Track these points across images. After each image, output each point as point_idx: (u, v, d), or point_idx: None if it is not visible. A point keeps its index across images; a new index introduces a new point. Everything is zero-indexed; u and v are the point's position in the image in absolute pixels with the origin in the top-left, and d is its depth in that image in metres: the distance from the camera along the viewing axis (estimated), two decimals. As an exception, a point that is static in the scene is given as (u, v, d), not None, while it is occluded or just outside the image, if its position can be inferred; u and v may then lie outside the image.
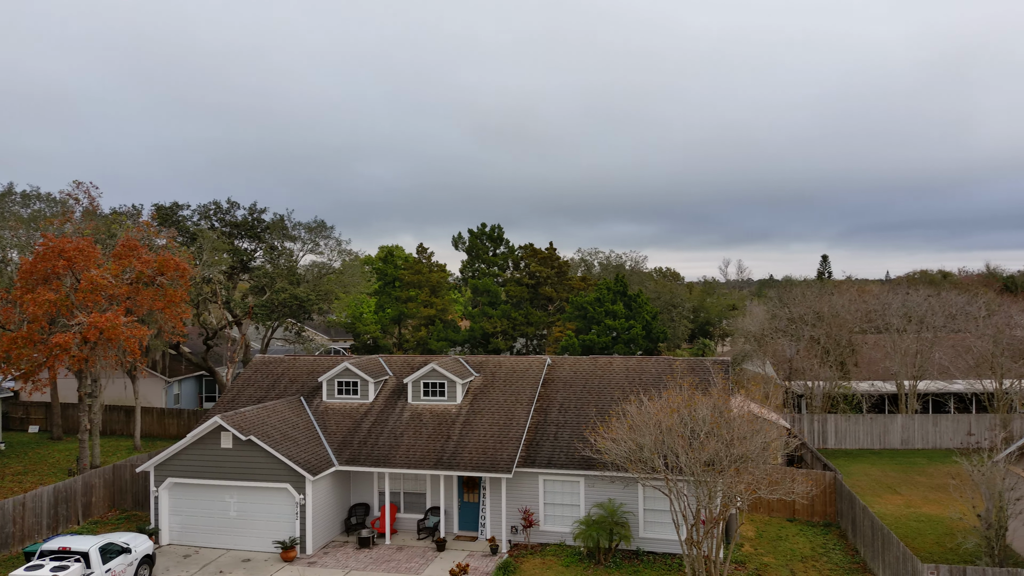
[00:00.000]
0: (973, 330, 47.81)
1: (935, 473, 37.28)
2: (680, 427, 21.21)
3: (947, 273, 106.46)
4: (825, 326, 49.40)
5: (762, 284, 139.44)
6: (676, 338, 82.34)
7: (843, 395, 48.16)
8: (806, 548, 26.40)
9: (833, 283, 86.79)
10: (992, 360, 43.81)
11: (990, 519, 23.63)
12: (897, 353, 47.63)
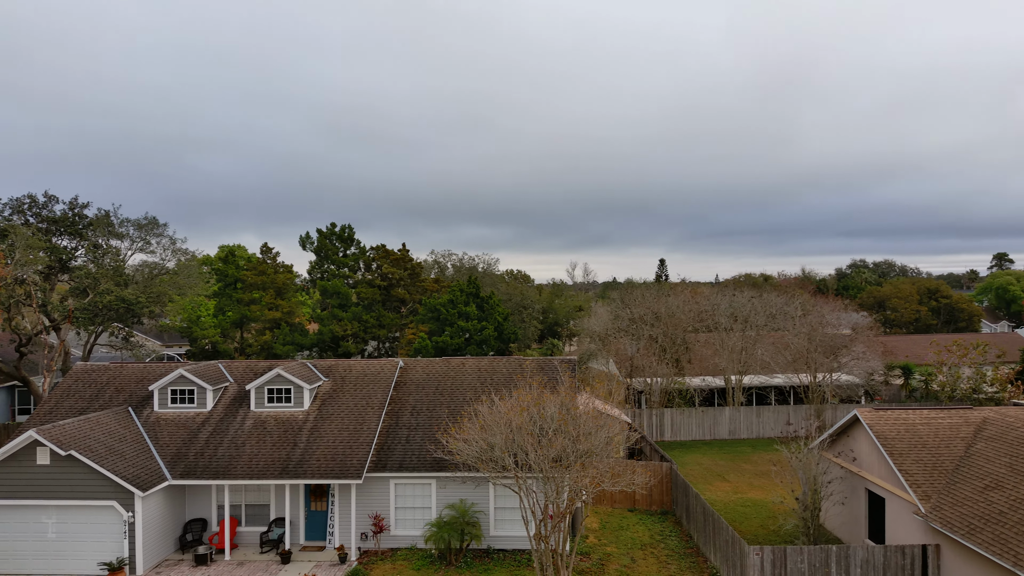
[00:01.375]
0: (791, 328, 52.37)
1: (759, 461, 40.47)
2: (530, 425, 21.66)
3: (768, 276, 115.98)
4: (662, 326, 52.31)
5: (606, 286, 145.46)
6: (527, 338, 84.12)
7: (678, 390, 51.21)
8: (645, 536, 27.81)
9: (669, 285, 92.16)
10: (807, 356, 48.23)
11: (806, 501, 25.99)
12: (725, 350, 51.31)
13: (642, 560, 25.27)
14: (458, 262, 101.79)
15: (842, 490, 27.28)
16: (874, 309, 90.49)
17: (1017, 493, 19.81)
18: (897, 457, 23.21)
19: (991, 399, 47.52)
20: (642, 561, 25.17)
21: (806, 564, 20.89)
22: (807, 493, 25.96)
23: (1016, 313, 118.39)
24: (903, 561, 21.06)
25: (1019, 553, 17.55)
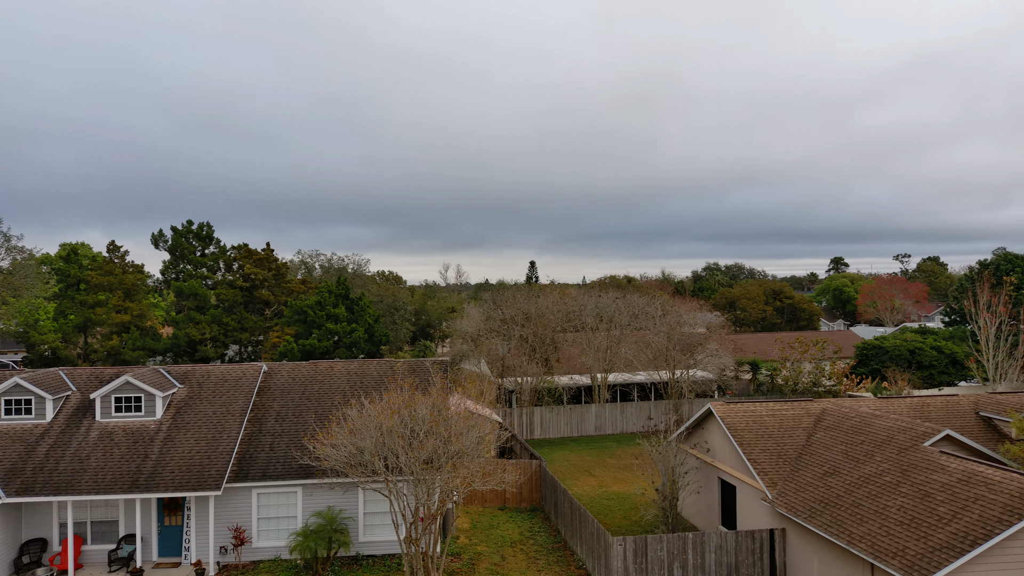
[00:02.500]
0: (652, 328, 54.87)
1: (623, 455, 42.10)
2: (401, 428, 21.47)
3: (631, 278, 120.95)
4: (533, 326, 53.36)
5: (479, 287, 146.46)
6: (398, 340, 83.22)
7: (547, 389, 52.40)
8: (515, 533, 28.24)
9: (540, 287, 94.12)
10: (667, 353, 50.71)
11: (665, 492, 27.31)
12: (591, 349, 53.02)
13: (512, 557, 25.64)
14: (327, 263, 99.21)
15: (698, 480, 28.87)
16: (726, 309, 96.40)
17: (851, 477, 21.72)
18: (746, 447, 24.83)
19: (829, 392, 51.83)
20: (512, 558, 25.54)
21: (665, 552, 21.95)
22: (666, 484, 27.28)
23: (851, 312, 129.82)
24: (753, 545, 22.56)
25: (852, 532, 19.25)
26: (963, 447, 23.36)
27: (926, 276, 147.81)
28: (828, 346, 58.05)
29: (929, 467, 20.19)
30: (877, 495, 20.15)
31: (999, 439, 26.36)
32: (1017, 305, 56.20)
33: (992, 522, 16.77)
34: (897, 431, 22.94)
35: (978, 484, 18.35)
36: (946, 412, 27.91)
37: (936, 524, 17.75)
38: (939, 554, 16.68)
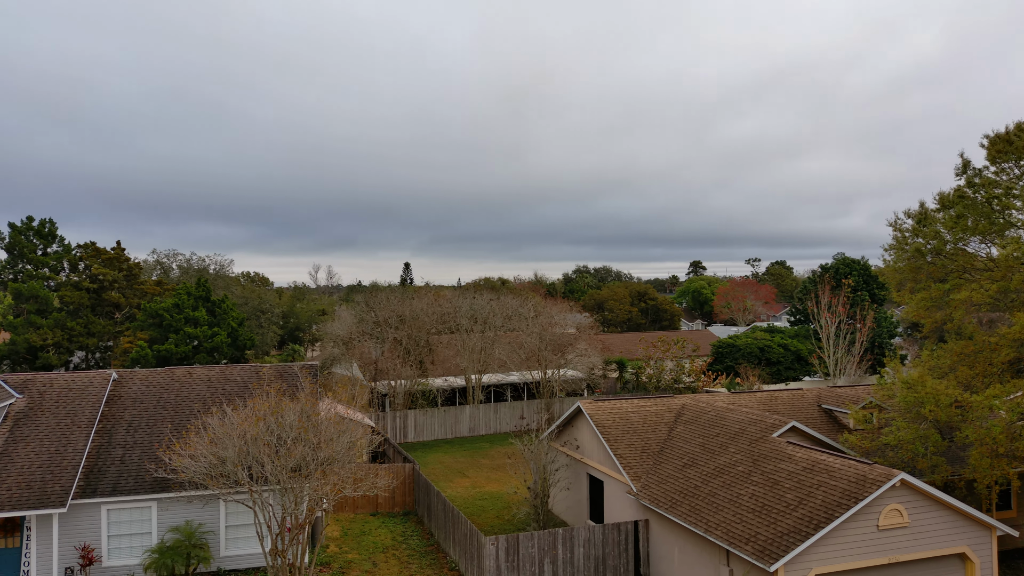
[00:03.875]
0: (525, 329, 55.76)
1: (496, 455, 42.52)
2: (266, 435, 20.66)
3: (505, 280, 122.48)
4: (407, 328, 52.87)
5: (351, 289, 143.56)
6: (265, 345, 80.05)
7: (422, 391, 52.08)
8: (388, 539, 27.86)
9: (414, 289, 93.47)
10: (539, 353, 51.69)
11: (537, 489, 27.83)
12: (466, 350, 53.22)
13: (384, 563, 25.28)
14: (185, 263, 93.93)
15: (568, 476, 29.62)
16: (595, 310, 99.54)
17: (708, 468, 22.99)
18: (613, 443, 25.73)
19: (689, 388, 54.64)
20: (384, 564, 25.18)
21: (536, 548, 22.35)
22: (538, 482, 27.81)
23: (708, 313, 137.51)
24: (619, 537, 23.40)
25: (709, 520, 20.37)
26: (808, 437, 25.29)
27: (774, 279, 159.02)
28: (688, 345, 61.22)
29: (777, 457, 21.70)
30: (731, 484, 21.44)
31: (839, 429, 28.74)
32: (854, 306, 61.51)
33: (833, 506, 18.24)
34: (749, 423, 24.50)
35: (821, 472, 19.91)
36: (792, 405, 30.14)
37: (784, 510, 19.10)
38: (787, 538, 17.96)
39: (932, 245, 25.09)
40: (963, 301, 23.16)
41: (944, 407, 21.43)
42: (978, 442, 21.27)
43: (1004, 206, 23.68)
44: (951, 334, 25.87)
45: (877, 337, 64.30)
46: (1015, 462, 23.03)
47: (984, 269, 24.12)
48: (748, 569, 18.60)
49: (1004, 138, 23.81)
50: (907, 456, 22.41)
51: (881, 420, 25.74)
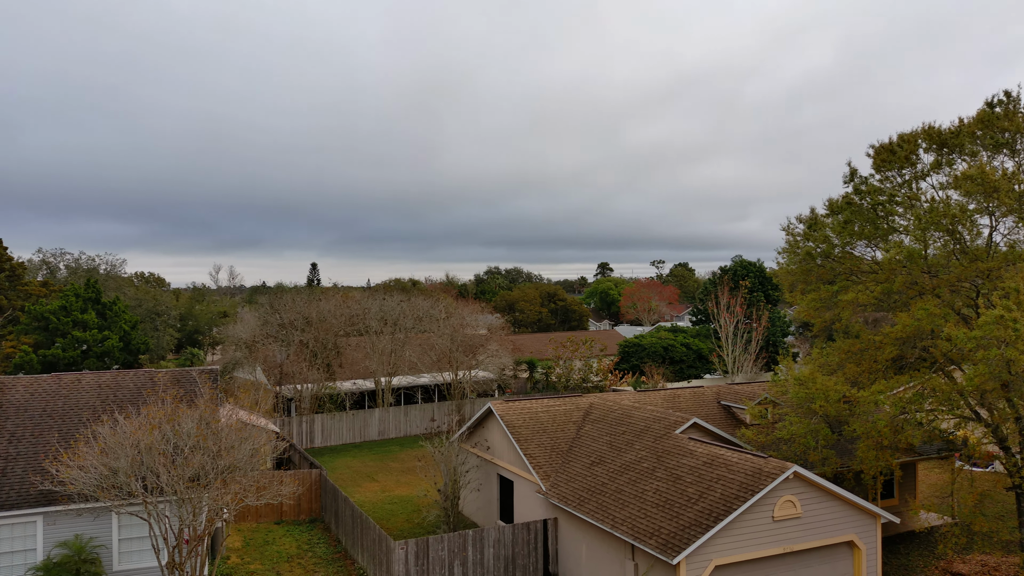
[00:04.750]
0: (436, 330, 55.44)
1: (406, 458, 42.10)
2: (162, 444, 19.74)
3: (416, 281, 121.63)
4: (314, 331, 51.64)
5: (254, 290, 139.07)
6: (161, 349, 76.53)
7: (329, 395, 50.99)
8: (293, 548, 27.12)
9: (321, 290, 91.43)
10: (450, 355, 51.53)
11: (447, 492, 27.72)
12: (376, 353, 52.47)
13: (288, 573, 24.58)
14: (74, 263, 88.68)
15: (478, 477, 29.64)
16: (506, 311, 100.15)
17: (614, 466, 23.48)
18: (523, 443, 25.93)
19: (596, 387, 55.70)
20: (288, 574, 24.49)
21: (446, 551, 22.26)
22: (448, 484, 27.70)
23: (615, 313, 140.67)
24: (528, 536, 23.59)
25: (616, 516, 20.81)
26: (708, 433, 26.22)
27: (678, 280, 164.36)
28: (595, 345, 62.41)
29: (680, 452, 22.41)
30: (637, 480, 21.98)
31: (737, 425, 29.94)
32: (751, 306, 64.25)
33: (731, 499, 18.97)
34: (653, 421, 25.20)
35: (720, 466, 20.68)
36: (694, 402, 31.19)
37: (686, 504, 19.73)
38: (689, 531, 18.56)
39: (822, 249, 26.47)
40: (850, 302, 24.52)
41: (833, 402, 22.64)
42: (864, 435, 22.58)
43: (888, 212, 25.25)
44: (839, 333, 27.35)
45: (772, 336, 67.41)
46: (898, 453, 24.59)
47: (869, 272, 25.64)
48: (652, 562, 19.12)
49: (888, 148, 25.39)
50: (800, 449, 23.56)
51: (775, 415, 26.98)
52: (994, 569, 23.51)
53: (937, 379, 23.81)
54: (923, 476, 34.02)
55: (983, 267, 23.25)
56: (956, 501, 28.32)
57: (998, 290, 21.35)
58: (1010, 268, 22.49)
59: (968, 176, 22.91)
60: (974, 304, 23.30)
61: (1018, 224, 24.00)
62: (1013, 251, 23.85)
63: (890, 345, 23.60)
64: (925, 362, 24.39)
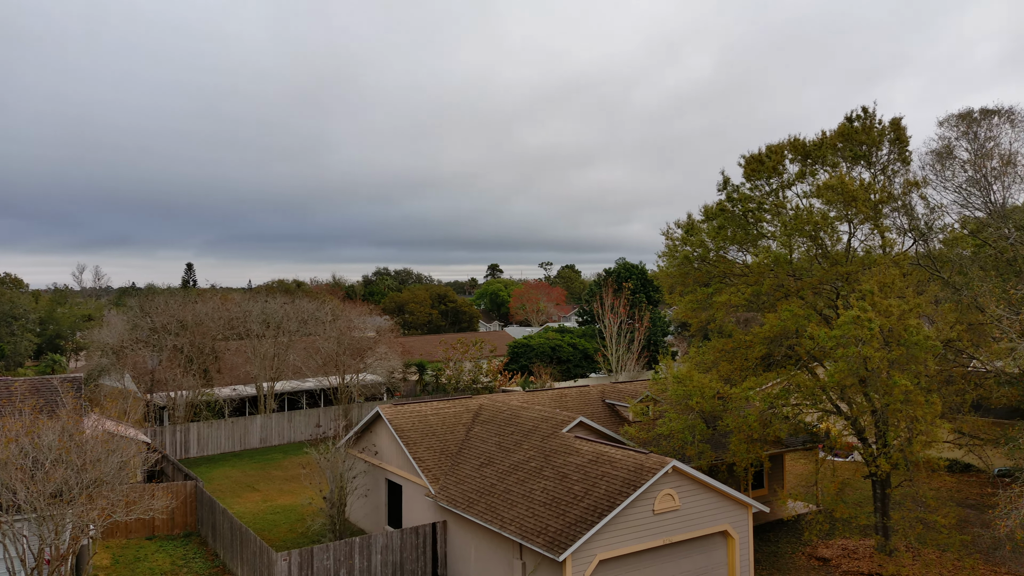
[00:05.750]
0: (322, 333, 54.07)
1: (290, 466, 40.81)
2: (19, 458, 18.24)
3: (301, 282, 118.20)
4: (189, 335, 49.14)
5: (123, 292, 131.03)
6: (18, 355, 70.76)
7: (206, 402, 48.70)
8: (166, 564, 25.72)
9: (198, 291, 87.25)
10: (337, 358, 50.38)
11: (333, 499, 27.07)
12: (257, 357, 50.56)
13: (163, 590, 23.29)
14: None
15: (366, 483, 29.14)
16: (395, 313, 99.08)
17: (503, 466, 23.69)
18: (412, 446, 25.71)
19: (486, 388, 56.03)
20: (163, 591, 23.20)
21: (332, 560, 21.74)
22: (334, 491, 27.07)
23: (505, 314, 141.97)
24: (417, 540, 23.40)
25: (504, 517, 20.99)
26: (594, 431, 26.93)
27: (565, 282, 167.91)
28: (485, 346, 62.77)
29: (567, 451, 22.89)
30: (525, 480, 22.27)
31: (621, 422, 30.90)
32: (633, 307, 66.49)
33: (615, 495, 19.55)
34: (541, 421, 25.61)
35: (604, 463, 21.27)
36: (580, 401, 31.94)
37: (572, 502, 20.17)
38: (575, 528, 18.98)
39: (698, 253, 27.77)
40: (724, 303, 25.85)
41: (708, 399, 23.79)
42: (737, 429, 23.85)
43: (757, 219, 26.79)
44: (714, 333, 28.77)
45: (653, 336, 70.05)
46: (767, 446, 26.13)
47: (741, 275, 27.11)
48: (539, 560, 19.42)
49: (757, 158, 26.94)
50: (678, 445, 24.60)
51: (656, 412, 28.04)
52: (853, 552, 25.37)
53: (802, 376, 25.51)
54: (790, 467, 36.27)
55: (842, 271, 25.09)
56: (820, 490, 30.35)
57: (855, 292, 23.07)
58: (866, 272, 24.37)
59: (829, 186, 24.65)
60: (834, 305, 25.07)
61: (873, 231, 26.04)
62: (869, 256, 25.87)
63: (759, 344, 25.04)
64: (791, 360, 26.04)
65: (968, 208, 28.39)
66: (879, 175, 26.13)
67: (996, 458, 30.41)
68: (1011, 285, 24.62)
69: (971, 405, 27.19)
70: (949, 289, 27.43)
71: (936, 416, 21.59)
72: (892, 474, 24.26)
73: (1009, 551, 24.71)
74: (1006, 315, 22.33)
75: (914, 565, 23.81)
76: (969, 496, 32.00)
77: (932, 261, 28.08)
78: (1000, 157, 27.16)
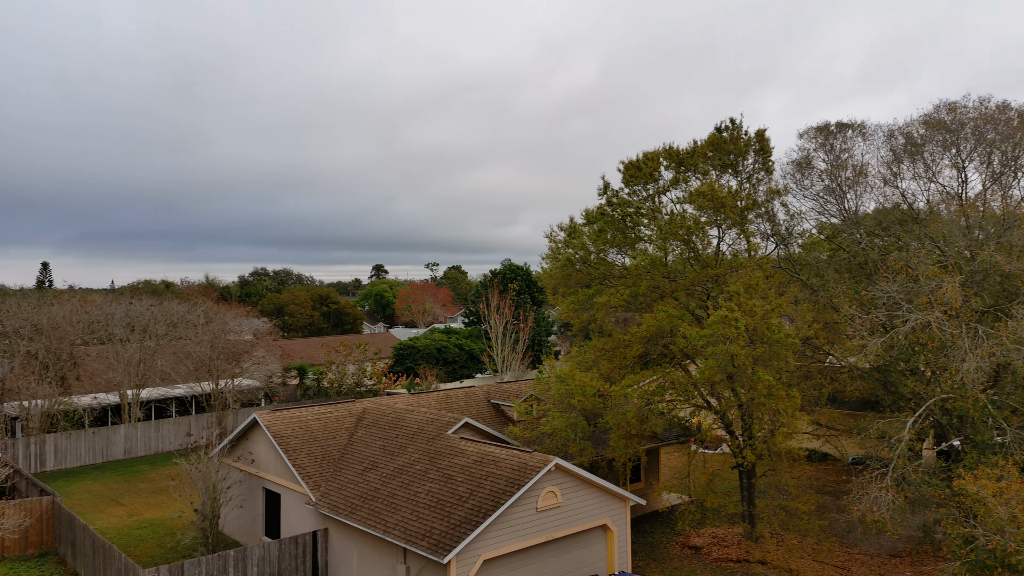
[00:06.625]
0: (193, 337, 51.36)
1: (157, 478, 38.56)
2: None
3: (170, 283, 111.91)
4: (44, 339, 45.46)
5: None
6: None
7: (64, 412, 45.21)
8: (18, 589, 23.72)
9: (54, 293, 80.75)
10: (210, 363, 48.03)
11: (205, 511, 25.80)
12: (121, 363, 47.43)
13: (12, 618, 21.44)
14: None
15: (242, 493, 27.96)
16: (274, 315, 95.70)
17: (388, 470, 23.36)
18: (291, 453, 24.91)
19: (371, 391, 55.09)
20: (12, 619, 21.36)
21: (204, 574, 20.73)
22: (206, 503, 25.82)
23: (390, 316, 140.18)
24: (296, 550, 22.69)
25: (387, 521, 20.71)
26: (479, 432, 27.05)
27: (451, 283, 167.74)
28: (370, 348, 61.73)
29: (452, 452, 22.86)
30: (410, 483, 22.07)
31: (506, 422, 31.20)
32: (519, 308, 67.31)
33: (499, 494, 19.72)
34: (426, 423, 25.46)
35: (489, 463, 21.41)
36: (466, 402, 32.01)
37: (457, 503, 20.17)
38: (460, 529, 18.98)
39: (580, 255, 28.50)
40: (604, 304, 26.66)
41: (589, 397, 24.44)
42: (616, 426, 24.64)
43: (635, 223, 27.80)
44: (595, 332, 29.59)
45: (537, 336, 71.22)
46: (644, 441, 27.11)
47: (620, 276, 28.03)
48: (424, 563, 19.29)
49: (635, 164, 27.95)
50: (561, 442, 25.12)
51: (540, 411, 28.52)
52: (722, 540, 26.75)
53: (676, 373, 26.68)
54: (665, 460, 37.81)
55: (712, 273, 26.42)
56: (692, 481, 31.84)
57: (724, 293, 24.37)
58: (733, 274, 25.78)
59: (700, 193, 25.92)
60: (705, 305, 26.38)
61: (740, 236, 27.60)
62: (736, 259, 27.39)
63: (637, 343, 25.98)
64: (666, 358, 27.18)
65: (824, 215, 30.59)
66: (745, 183, 27.72)
67: (850, 447, 32.92)
68: (862, 287, 26.74)
69: (827, 398, 29.36)
70: (807, 290, 29.48)
71: (796, 409, 23.14)
72: (757, 464, 25.77)
73: (861, 533, 26.81)
74: (858, 314, 24.24)
75: (778, 550, 25.40)
76: (827, 483, 34.48)
77: (792, 264, 30.09)
78: (853, 168, 29.42)
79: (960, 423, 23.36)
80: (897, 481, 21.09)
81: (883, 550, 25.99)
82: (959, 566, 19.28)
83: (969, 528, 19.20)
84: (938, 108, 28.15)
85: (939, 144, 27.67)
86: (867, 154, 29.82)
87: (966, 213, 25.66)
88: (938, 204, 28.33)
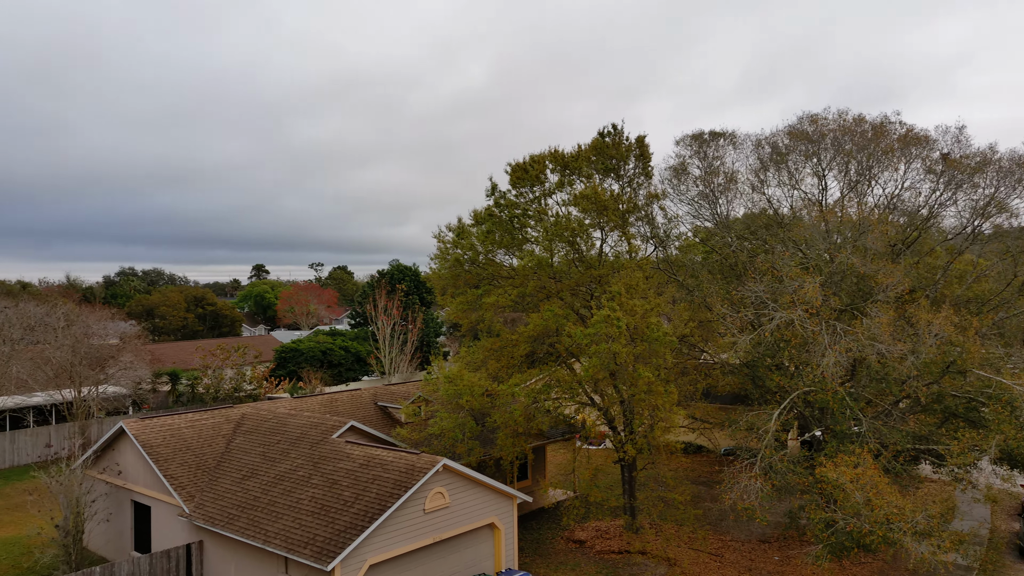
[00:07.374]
0: (53, 341, 47.70)
1: (13, 493, 35.62)
2: None
3: (27, 284, 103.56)
4: None
5: None
6: None
7: (-100, 426, 40.89)
8: None
9: None
10: (71, 369, 44.76)
11: (67, 527, 24.04)
12: (-30, 371, 43.45)
13: None
14: None
15: (108, 507, 26.26)
16: (143, 317, 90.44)
17: (268, 477, 22.57)
18: (162, 463, 23.61)
19: (250, 396, 52.99)
20: None
21: (67, 596, 19.33)
22: (68, 518, 24.07)
23: (271, 317, 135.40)
24: (169, 565, 21.54)
25: (268, 530, 20.01)
26: (366, 435, 26.59)
27: (337, 283, 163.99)
28: (249, 351, 59.34)
29: (337, 457, 22.38)
30: (291, 490, 21.42)
31: (393, 424, 30.85)
32: (407, 309, 66.65)
33: (386, 497, 19.48)
34: (310, 427, 24.80)
35: (376, 466, 21.11)
36: (352, 405, 31.41)
37: (342, 508, 19.76)
38: (345, 535, 18.61)
39: (468, 256, 28.59)
40: (492, 304, 26.86)
41: (478, 396, 24.56)
42: (503, 425, 24.88)
43: (522, 224, 28.18)
44: (484, 332, 29.77)
45: (426, 336, 70.84)
46: (531, 439, 27.53)
47: (508, 277, 28.34)
48: (307, 572, 18.78)
49: (522, 167, 28.33)
50: (449, 443, 25.11)
51: (428, 412, 28.39)
52: (605, 533, 27.55)
53: (561, 371, 27.26)
54: (551, 457, 38.54)
55: (595, 273, 27.18)
56: (576, 477, 32.61)
57: (606, 293, 25.12)
58: (615, 275, 26.63)
59: (584, 195, 26.61)
60: (589, 305, 27.10)
61: (622, 238, 28.53)
62: (618, 260, 28.30)
63: (524, 342, 26.36)
64: (552, 356, 27.71)
65: (699, 219, 32.15)
66: (627, 187, 28.69)
67: (723, 439, 34.70)
68: (733, 287, 28.30)
69: (702, 393, 30.87)
70: (684, 290, 30.87)
71: (674, 404, 24.18)
72: (638, 458, 26.73)
73: (733, 520, 28.32)
74: (729, 313, 25.62)
75: (657, 540, 26.44)
76: (701, 474, 36.21)
77: (670, 265, 31.44)
78: (725, 174, 31.07)
79: (821, 414, 25.12)
80: (765, 470, 22.45)
81: (753, 536, 27.57)
82: (821, 549, 20.77)
83: (830, 513, 20.72)
84: (802, 120, 30.14)
85: (802, 154, 29.64)
86: (737, 162, 31.57)
87: (826, 218, 27.62)
88: (801, 210, 30.37)
